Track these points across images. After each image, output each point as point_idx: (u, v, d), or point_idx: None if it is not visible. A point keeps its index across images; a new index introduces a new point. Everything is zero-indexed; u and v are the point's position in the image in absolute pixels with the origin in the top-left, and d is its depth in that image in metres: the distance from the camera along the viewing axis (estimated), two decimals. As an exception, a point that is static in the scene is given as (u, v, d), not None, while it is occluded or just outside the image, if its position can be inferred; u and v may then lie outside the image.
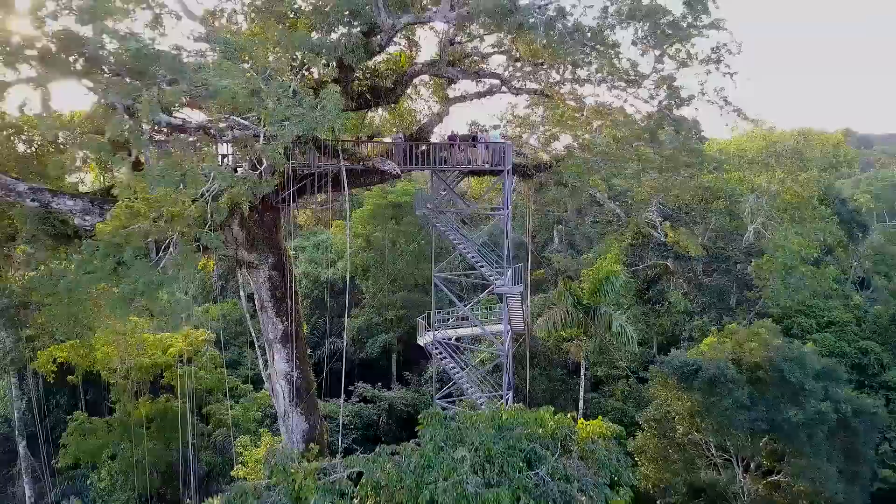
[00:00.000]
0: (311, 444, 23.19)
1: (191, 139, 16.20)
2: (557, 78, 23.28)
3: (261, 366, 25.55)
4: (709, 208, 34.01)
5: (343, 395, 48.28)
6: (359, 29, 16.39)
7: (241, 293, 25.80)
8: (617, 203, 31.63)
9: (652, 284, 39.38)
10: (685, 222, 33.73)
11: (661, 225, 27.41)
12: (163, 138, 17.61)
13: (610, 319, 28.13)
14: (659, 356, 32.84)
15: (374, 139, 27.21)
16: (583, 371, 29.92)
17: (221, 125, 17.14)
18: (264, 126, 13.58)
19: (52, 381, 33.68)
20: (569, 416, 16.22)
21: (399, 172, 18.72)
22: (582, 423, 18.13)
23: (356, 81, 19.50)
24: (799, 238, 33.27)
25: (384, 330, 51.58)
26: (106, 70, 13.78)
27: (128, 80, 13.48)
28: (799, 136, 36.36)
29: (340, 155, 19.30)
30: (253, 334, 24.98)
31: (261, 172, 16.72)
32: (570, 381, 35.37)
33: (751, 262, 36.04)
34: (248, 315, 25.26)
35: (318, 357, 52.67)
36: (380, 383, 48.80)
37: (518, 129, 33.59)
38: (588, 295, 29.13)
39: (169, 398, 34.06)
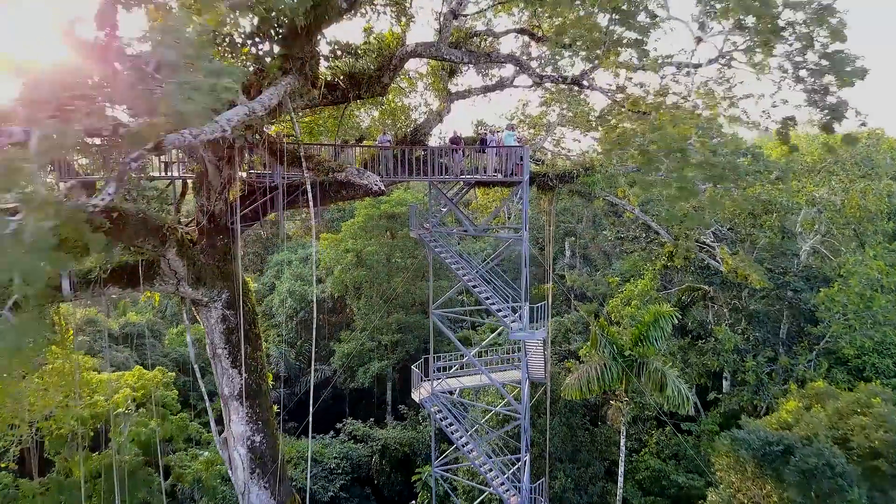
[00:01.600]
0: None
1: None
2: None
3: (213, 429, 20.42)
4: (757, 224, 29.03)
5: (330, 434, 44.06)
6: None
7: (188, 338, 20.70)
8: (652, 217, 26.68)
9: (685, 311, 34.30)
10: (731, 241, 28.74)
11: (716, 249, 22.41)
12: None
13: (663, 379, 22.98)
14: (715, 412, 27.68)
15: (355, 143, 22.43)
16: (623, 441, 24.70)
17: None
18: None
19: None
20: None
21: (382, 188, 13.75)
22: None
23: (324, 62, 14.48)
24: (878, 262, 28.13)
25: (378, 356, 46.90)
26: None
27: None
28: (870, 137, 31.32)
29: (304, 164, 14.25)
30: (202, 389, 19.89)
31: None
32: (594, 432, 30.25)
33: (811, 288, 30.98)
34: (195, 367, 20.23)
35: (306, 386, 48.34)
36: (372, 419, 44.17)
37: (531, 130, 29.10)
38: (631, 343, 24.02)
39: (120, 450, 28.87)
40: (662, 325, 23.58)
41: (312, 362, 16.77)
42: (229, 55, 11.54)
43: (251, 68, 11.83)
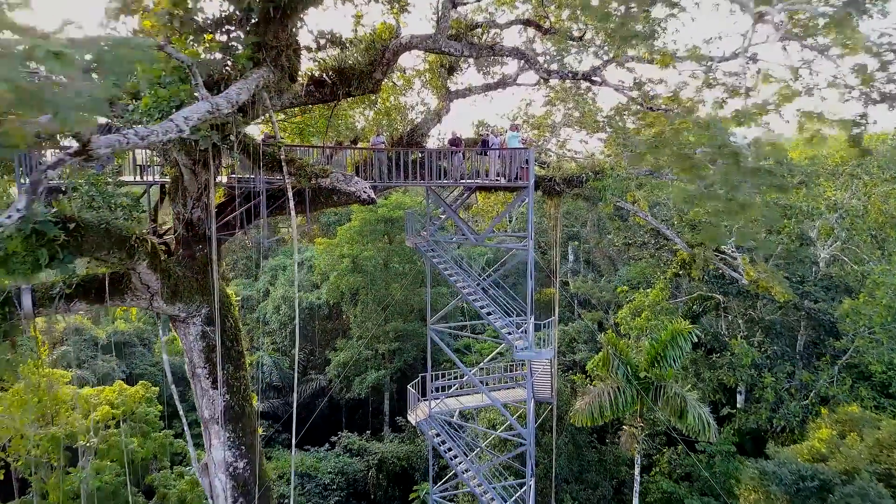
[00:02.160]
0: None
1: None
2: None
3: (191, 454, 18.90)
4: (774, 230, 27.49)
5: (325, 447, 42.61)
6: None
7: (164, 357, 19.18)
8: (665, 224, 25.13)
9: (696, 321, 32.74)
10: (746, 249, 27.23)
11: (738, 259, 20.84)
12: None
13: (683, 405, 21.33)
14: (729, 428, 25.98)
15: (345, 146, 21.03)
16: (637, 470, 23.01)
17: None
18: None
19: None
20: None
21: (372, 197, 12.26)
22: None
23: (307, 55, 12.97)
24: (907, 272, 26.57)
25: (375, 366, 45.48)
26: None
27: None
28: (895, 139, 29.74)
29: (284, 168, 12.74)
30: (181, 411, 18.39)
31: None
32: (602, 450, 28.69)
33: (832, 298, 29.44)
34: (173, 389, 18.74)
35: (300, 395, 46.94)
36: (368, 431, 42.67)
37: (535, 131, 27.73)
38: (647, 364, 22.39)
39: (100, 469, 27.33)
40: (681, 344, 22.01)
41: (295, 379, 15.22)
42: (193, 44, 10.02)
43: (220, 59, 10.30)
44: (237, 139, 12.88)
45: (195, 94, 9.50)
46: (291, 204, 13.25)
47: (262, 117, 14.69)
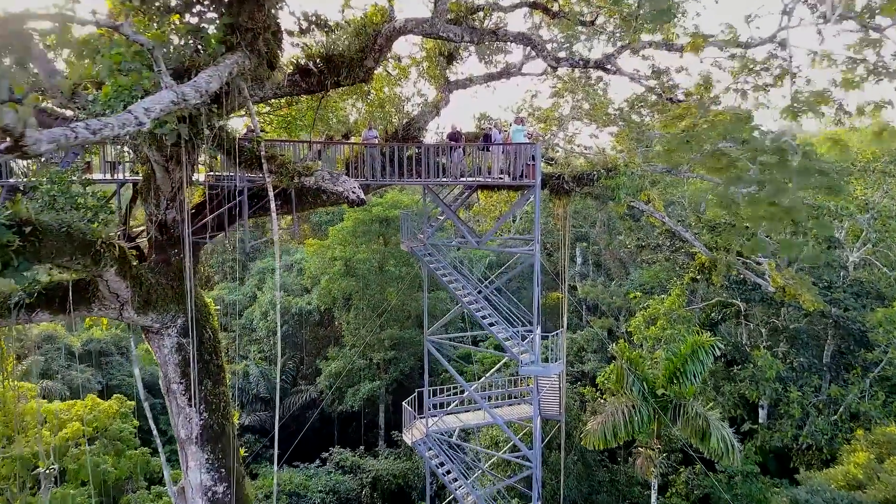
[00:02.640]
0: None
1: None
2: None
3: (166, 478, 18.28)
4: (799, 231, 26.81)
5: (316, 463, 41.99)
6: None
7: (135, 371, 18.54)
8: (683, 225, 24.49)
9: (714, 329, 32.11)
10: (770, 253, 26.59)
11: (764, 264, 20.18)
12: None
13: (705, 427, 20.61)
14: (750, 445, 25.28)
15: (333, 141, 20.49)
16: (654, 495, 22.35)
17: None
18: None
19: None
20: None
21: (361, 198, 11.65)
22: None
23: (290, 40, 12.35)
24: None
25: (369, 376, 44.90)
26: None
27: None
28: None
29: (264, 165, 12.12)
30: (154, 430, 17.84)
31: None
32: (614, 470, 28.05)
33: (863, 306, 28.76)
34: (146, 406, 18.15)
35: (289, 407, 46.32)
36: (362, 447, 42.03)
37: (541, 125, 27.24)
38: (665, 380, 21.67)
39: (65, 493, 26.69)
40: (702, 358, 21.34)
41: (277, 395, 14.62)
42: (159, 26, 9.39)
43: (188, 43, 9.67)
44: (212, 133, 12.25)
45: (160, 81, 8.85)
46: (273, 205, 12.63)
47: (242, 109, 14.09)
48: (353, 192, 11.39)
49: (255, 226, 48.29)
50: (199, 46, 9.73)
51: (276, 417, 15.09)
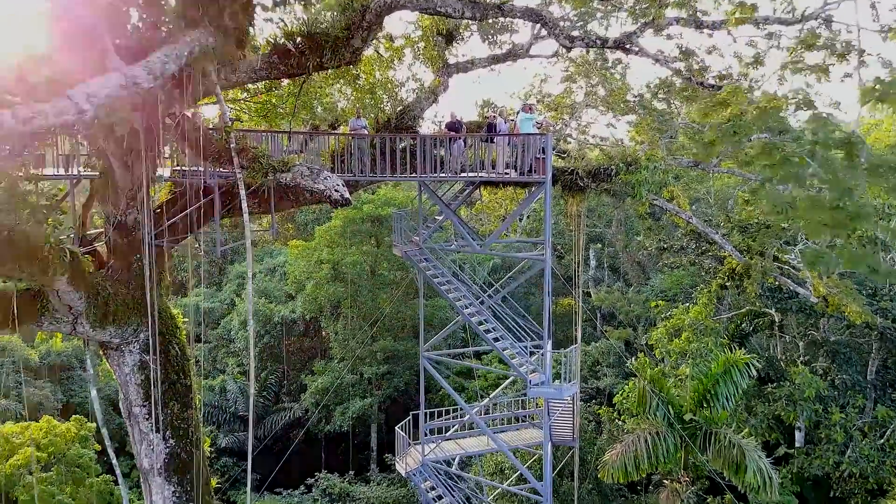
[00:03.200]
0: None
1: None
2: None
3: (128, 514, 17.66)
4: (839, 234, 26.12)
5: (301, 490, 41.46)
6: None
7: (92, 390, 18.05)
8: (713, 227, 23.91)
9: (744, 342, 31.57)
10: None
11: (805, 270, 19.57)
12: None
13: (740, 458, 19.94)
14: (786, 471, 24.69)
15: (325, 130, 20.13)
16: None
17: None
18: None
19: None
20: None
21: (345, 197, 11.13)
22: None
23: (261, 13, 11.77)
24: None
25: (360, 393, 44.45)
26: None
27: None
28: None
29: (235, 159, 11.56)
30: (114, 460, 17.37)
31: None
32: (633, 500, 27.51)
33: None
34: (104, 433, 17.65)
35: (270, 427, 45.83)
36: (352, 471, 41.59)
37: (551, 113, 26.94)
38: (693, 403, 21.01)
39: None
40: (735, 379, 20.73)
41: (251, 413, 14.09)
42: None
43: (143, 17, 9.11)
44: (174, 123, 11.70)
45: (105, 62, 8.30)
46: (244, 204, 12.07)
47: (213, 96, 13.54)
48: (335, 191, 10.86)
49: (233, 226, 47.85)
50: (157, 23, 9.17)
51: (250, 438, 14.59)
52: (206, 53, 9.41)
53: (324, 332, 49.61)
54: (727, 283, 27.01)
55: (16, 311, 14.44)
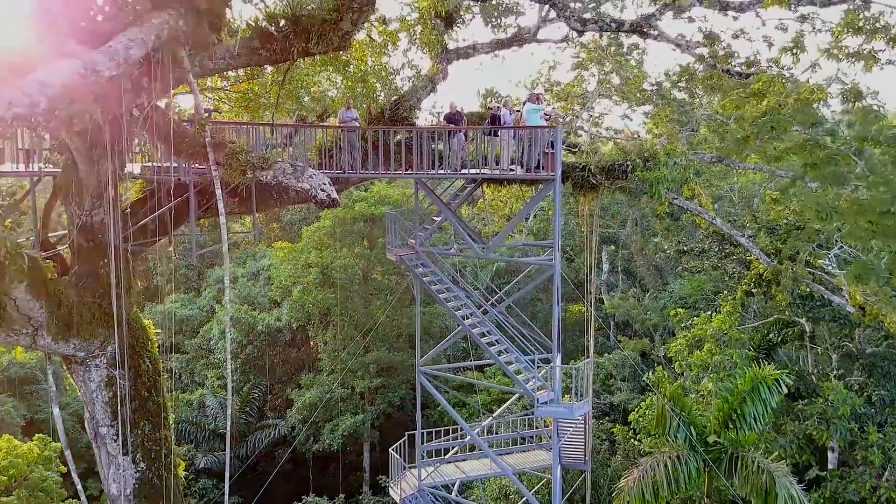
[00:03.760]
0: None
1: None
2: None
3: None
4: (889, 242, 25.94)
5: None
6: None
7: (54, 409, 17.86)
8: (736, 228, 23.71)
9: (770, 353, 31.49)
10: (841, 260, 25.89)
11: (840, 276, 19.38)
12: None
13: (770, 485, 19.72)
14: (818, 496, 24.47)
15: (313, 123, 20.02)
16: None
17: None
18: None
19: None
20: None
21: (332, 197, 10.98)
22: None
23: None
24: None
25: (351, 409, 44.41)
26: None
27: None
28: None
29: (211, 155, 11.37)
30: (79, 486, 17.22)
31: None
32: (651, 528, 27.29)
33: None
34: (68, 455, 17.53)
35: (254, 445, 45.78)
36: (342, 494, 41.58)
37: (560, 104, 27.02)
38: (718, 424, 20.82)
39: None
40: (764, 397, 20.52)
41: (228, 430, 13.91)
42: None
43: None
44: (141, 115, 11.48)
45: (62, 47, 8.08)
46: (221, 204, 11.88)
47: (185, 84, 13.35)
48: (321, 190, 10.70)
49: (212, 226, 47.73)
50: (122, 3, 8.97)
51: (227, 458, 14.46)
52: (175, 37, 9.25)
53: (312, 342, 49.59)
54: (753, 290, 26.93)
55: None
